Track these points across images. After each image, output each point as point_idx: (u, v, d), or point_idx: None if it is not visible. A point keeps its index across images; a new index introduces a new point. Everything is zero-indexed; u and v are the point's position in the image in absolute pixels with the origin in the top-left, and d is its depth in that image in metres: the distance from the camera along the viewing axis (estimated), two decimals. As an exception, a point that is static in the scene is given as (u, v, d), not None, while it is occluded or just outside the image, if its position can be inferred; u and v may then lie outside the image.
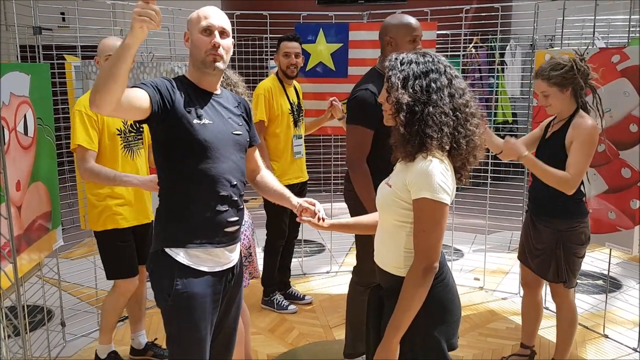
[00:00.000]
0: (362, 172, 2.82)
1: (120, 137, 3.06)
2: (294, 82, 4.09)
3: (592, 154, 2.78)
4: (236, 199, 2.12)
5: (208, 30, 2.02)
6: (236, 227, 2.14)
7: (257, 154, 2.39)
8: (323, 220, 2.18)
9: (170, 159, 2.05)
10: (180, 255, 2.04)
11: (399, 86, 1.80)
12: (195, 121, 2.00)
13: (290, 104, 3.98)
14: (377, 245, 1.99)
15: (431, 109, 1.77)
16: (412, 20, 2.84)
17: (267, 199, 2.53)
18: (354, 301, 3.12)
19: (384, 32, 2.87)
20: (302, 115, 4.10)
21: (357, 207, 2.85)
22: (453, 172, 1.83)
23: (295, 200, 2.28)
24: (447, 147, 1.79)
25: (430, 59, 1.84)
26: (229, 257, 2.15)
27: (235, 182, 2.10)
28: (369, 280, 2.99)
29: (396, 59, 1.87)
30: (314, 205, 2.21)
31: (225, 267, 2.13)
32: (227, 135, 2.09)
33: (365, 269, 3.03)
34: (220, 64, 2.04)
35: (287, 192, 2.37)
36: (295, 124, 4.01)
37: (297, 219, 2.24)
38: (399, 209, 1.82)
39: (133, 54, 1.71)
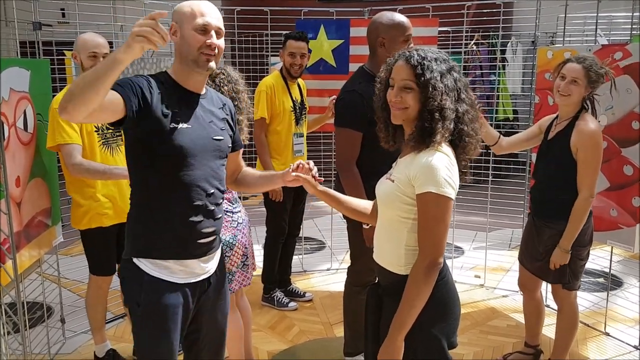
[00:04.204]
0: (352, 175, 2.80)
1: (98, 134, 3.01)
2: (299, 79, 4.08)
3: (599, 159, 2.77)
4: (212, 208, 1.99)
5: (204, 29, 1.88)
6: (212, 238, 2.03)
7: (240, 157, 2.30)
8: (316, 179, 2.11)
9: (143, 164, 1.91)
10: (149, 267, 1.94)
11: (432, 83, 1.76)
12: (172, 125, 1.86)
13: (293, 101, 3.96)
14: (377, 242, 1.97)
15: (465, 106, 1.79)
16: (404, 18, 2.78)
17: (258, 191, 2.49)
18: (350, 301, 3.12)
19: (375, 32, 2.80)
20: (304, 114, 4.08)
21: None
22: (457, 167, 1.81)
23: (284, 171, 2.16)
24: (480, 140, 1.83)
25: (444, 56, 1.83)
26: (204, 268, 2.04)
27: (211, 191, 1.98)
28: (364, 279, 2.99)
29: (419, 54, 1.81)
30: (309, 164, 2.12)
31: (199, 279, 2.03)
32: (207, 140, 1.96)
33: (359, 268, 3.03)
34: (212, 64, 1.91)
35: (272, 173, 2.29)
36: (297, 122, 3.99)
37: (291, 172, 2.11)
38: (402, 204, 1.80)
39: (122, 69, 1.60)
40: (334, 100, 3.78)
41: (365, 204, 2.19)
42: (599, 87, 2.83)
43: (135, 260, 1.95)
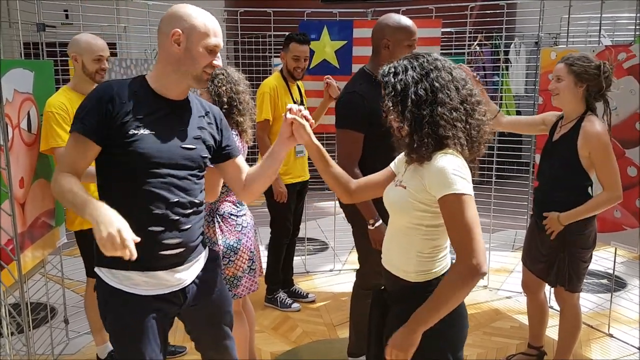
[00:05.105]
0: (355, 177, 2.78)
1: None
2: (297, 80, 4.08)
3: (613, 156, 2.75)
4: (176, 218, 1.88)
5: (214, 51, 1.87)
6: (179, 250, 1.92)
7: (239, 160, 2.17)
8: (308, 121, 2.00)
9: (104, 169, 1.89)
10: (110, 277, 1.88)
11: (400, 99, 1.76)
12: (132, 131, 1.80)
13: (294, 102, 3.96)
14: (387, 247, 1.93)
15: (439, 108, 1.72)
16: (410, 23, 2.75)
17: (272, 176, 2.21)
18: (357, 304, 3.12)
19: (381, 33, 2.77)
20: None
21: (353, 212, 2.83)
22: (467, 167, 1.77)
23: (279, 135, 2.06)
24: (464, 142, 1.73)
25: (425, 59, 1.78)
26: (178, 278, 1.95)
27: (175, 200, 1.88)
28: (371, 282, 2.99)
29: (389, 72, 1.80)
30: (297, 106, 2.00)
31: (172, 290, 1.94)
32: (173, 148, 1.88)
33: (367, 272, 3.02)
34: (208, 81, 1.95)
35: (269, 151, 2.12)
36: None
37: (288, 116, 1.99)
38: (415, 211, 1.77)
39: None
40: (329, 80, 3.80)
41: (348, 179, 2.12)
42: (597, 82, 2.74)
43: (97, 269, 1.91)
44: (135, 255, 1.60)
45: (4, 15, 3.16)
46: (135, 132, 1.81)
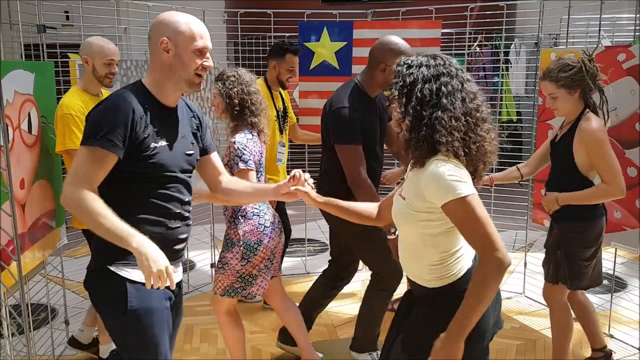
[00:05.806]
0: (370, 187, 2.86)
1: None
2: (280, 88, 4.02)
3: (611, 151, 2.74)
4: (187, 215, 2.08)
5: (202, 52, 1.93)
6: (184, 244, 2.10)
7: (214, 157, 2.26)
8: (313, 188, 2.11)
9: (124, 178, 1.92)
10: (131, 273, 1.93)
11: (406, 92, 1.78)
12: (153, 144, 1.90)
13: (277, 110, 3.94)
14: (402, 257, 1.96)
15: (440, 113, 1.72)
16: (411, 52, 2.76)
17: (249, 202, 2.47)
18: (370, 302, 3.18)
19: (381, 55, 2.82)
20: (287, 123, 4.05)
21: (341, 224, 2.85)
22: (465, 168, 1.77)
23: (277, 184, 2.18)
24: (461, 153, 1.73)
25: (441, 62, 1.79)
26: (176, 273, 2.08)
27: (187, 199, 2.06)
28: (389, 284, 3.07)
29: (404, 63, 1.82)
30: (303, 175, 2.11)
31: (175, 282, 2.02)
32: (180, 155, 2.02)
33: (383, 275, 3.07)
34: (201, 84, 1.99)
35: (265, 185, 2.30)
36: (281, 132, 3.95)
37: (290, 185, 2.10)
38: (417, 221, 1.78)
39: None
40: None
41: (369, 207, 2.18)
42: (587, 82, 2.74)
43: (113, 268, 1.94)
44: (174, 286, 1.85)
45: (5, 16, 3.16)
46: (155, 144, 1.91)
